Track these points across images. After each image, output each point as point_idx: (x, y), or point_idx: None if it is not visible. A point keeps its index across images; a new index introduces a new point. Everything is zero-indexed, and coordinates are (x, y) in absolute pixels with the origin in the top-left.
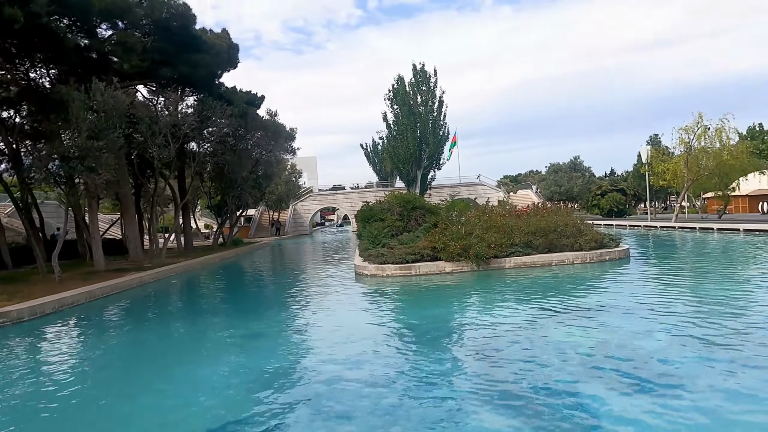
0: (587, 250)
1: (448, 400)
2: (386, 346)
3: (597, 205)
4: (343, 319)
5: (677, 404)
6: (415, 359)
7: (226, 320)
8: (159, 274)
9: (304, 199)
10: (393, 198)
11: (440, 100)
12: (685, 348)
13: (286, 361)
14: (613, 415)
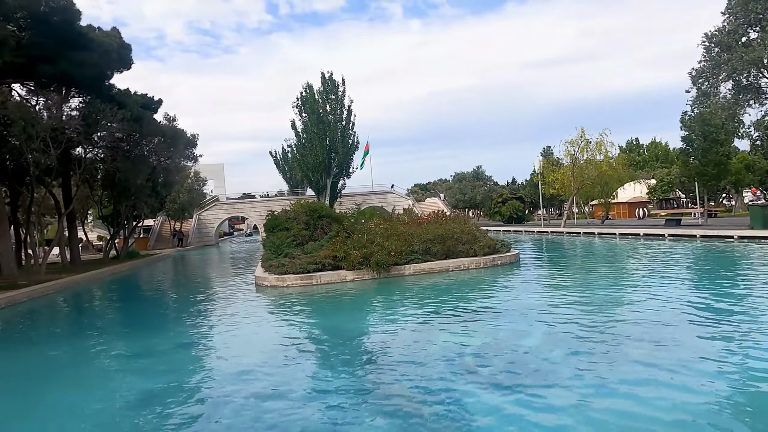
0: (481, 256)
1: (335, 409)
2: (279, 358)
3: (498, 212)
4: (237, 333)
5: (543, 399)
6: (307, 369)
7: (108, 340)
8: (34, 293)
9: (209, 208)
10: (299, 207)
11: (349, 109)
12: (559, 345)
13: (169, 379)
14: (486, 411)
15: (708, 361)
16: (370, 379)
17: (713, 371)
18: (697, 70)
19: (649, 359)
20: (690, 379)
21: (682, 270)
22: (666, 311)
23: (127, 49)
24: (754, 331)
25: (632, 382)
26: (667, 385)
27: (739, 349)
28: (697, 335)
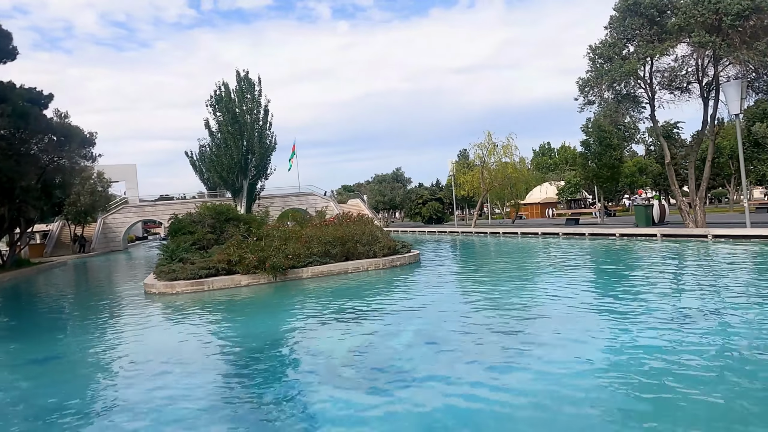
0: (381, 257)
1: (188, 420)
2: (140, 369)
3: (419, 213)
4: (106, 344)
5: (406, 397)
6: (167, 380)
7: None
8: None
9: (116, 212)
10: (205, 209)
11: (266, 109)
12: (428, 342)
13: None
14: (346, 412)
15: (562, 348)
16: (237, 387)
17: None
18: (583, 80)
19: (513, 353)
20: (548, 367)
21: (560, 264)
22: (534, 303)
23: (7, 38)
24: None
25: (489, 376)
26: (524, 374)
27: (596, 335)
28: (554, 329)
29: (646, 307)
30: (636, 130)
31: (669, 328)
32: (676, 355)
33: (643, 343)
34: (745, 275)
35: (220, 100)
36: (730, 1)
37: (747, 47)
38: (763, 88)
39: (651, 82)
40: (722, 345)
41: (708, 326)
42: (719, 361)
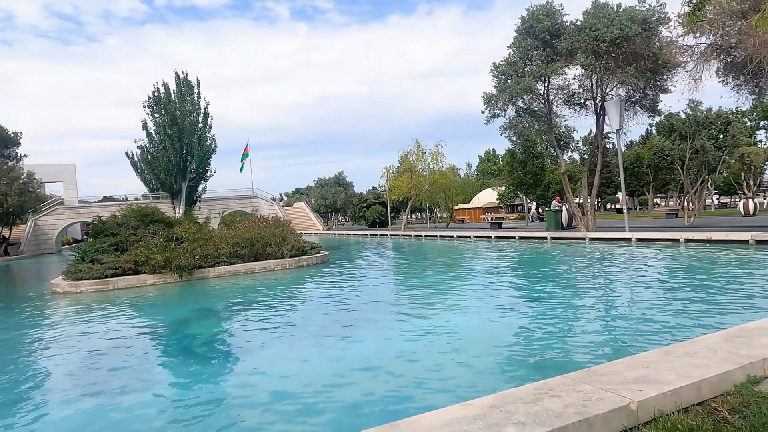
0: (288, 258)
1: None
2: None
3: (363, 216)
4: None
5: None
6: (44, 357)
7: None
8: None
9: (48, 213)
10: (129, 211)
11: (206, 112)
12: (288, 326)
13: None
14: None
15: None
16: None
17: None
18: (487, 95)
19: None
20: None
21: (434, 260)
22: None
23: None
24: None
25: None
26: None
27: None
28: (399, 315)
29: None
30: (570, 139)
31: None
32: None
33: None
34: (583, 268)
35: (159, 101)
36: (605, 30)
37: (621, 70)
38: (648, 106)
39: (548, 99)
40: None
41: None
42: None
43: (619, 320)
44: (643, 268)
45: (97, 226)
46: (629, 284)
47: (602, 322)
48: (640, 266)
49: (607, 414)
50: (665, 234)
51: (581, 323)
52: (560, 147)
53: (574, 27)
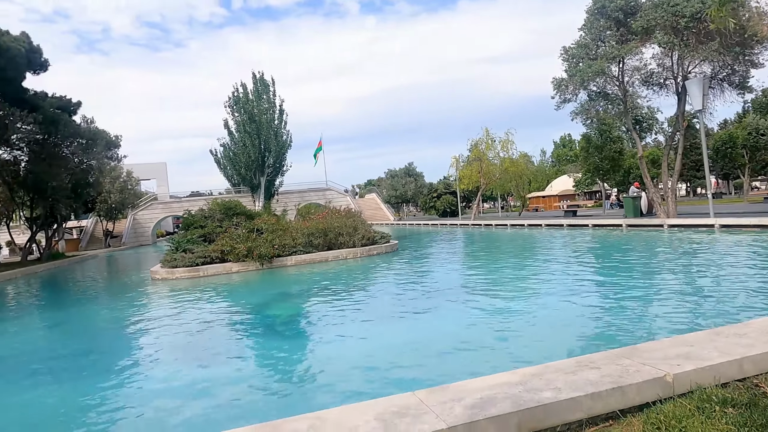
0: (359, 247)
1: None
2: (131, 326)
3: (433, 206)
4: (107, 312)
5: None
6: (153, 333)
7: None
8: None
9: (144, 208)
10: (215, 205)
11: (281, 109)
12: (354, 310)
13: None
14: (278, 347)
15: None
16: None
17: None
18: (557, 79)
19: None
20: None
21: (502, 249)
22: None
23: (37, 53)
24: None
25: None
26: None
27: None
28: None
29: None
30: (654, 120)
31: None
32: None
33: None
34: (655, 255)
35: (238, 101)
36: (684, 4)
37: (703, 46)
38: (737, 83)
39: (622, 81)
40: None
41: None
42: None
43: (680, 305)
44: (725, 256)
45: (188, 219)
46: (702, 271)
47: (664, 307)
48: (721, 254)
49: (641, 384)
50: (756, 220)
51: (636, 308)
52: (642, 129)
53: (650, 4)
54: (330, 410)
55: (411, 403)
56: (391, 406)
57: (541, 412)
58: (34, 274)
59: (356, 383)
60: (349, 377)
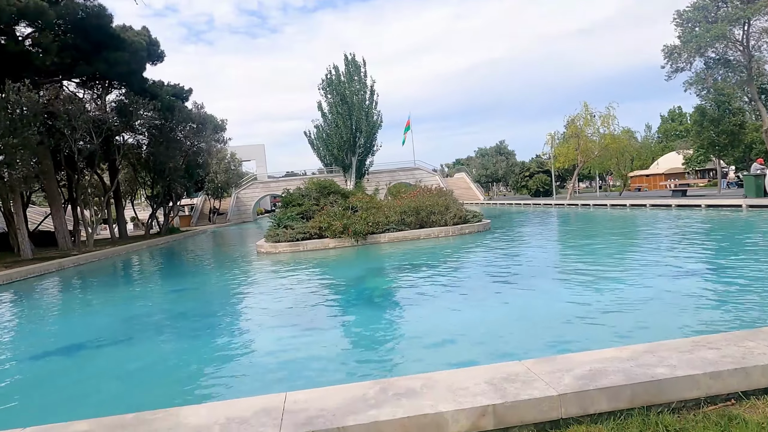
0: (451, 225)
1: (273, 319)
2: (242, 291)
3: (525, 186)
4: (222, 280)
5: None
6: (264, 298)
7: (130, 289)
8: (79, 259)
9: (246, 187)
10: (311, 184)
11: (371, 90)
12: (445, 286)
13: (191, 306)
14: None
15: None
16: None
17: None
18: (668, 47)
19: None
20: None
21: (599, 231)
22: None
23: (156, 45)
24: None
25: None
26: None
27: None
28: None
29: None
30: None
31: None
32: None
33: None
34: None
35: (331, 83)
36: None
37: None
38: None
39: (747, 45)
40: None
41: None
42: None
43: None
44: None
45: (286, 197)
46: None
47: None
48: None
49: (767, 367)
50: None
51: (759, 292)
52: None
53: None
54: (440, 372)
55: (519, 371)
56: (499, 372)
57: (655, 387)
58: (155, 245)
59: (456, 354)
60: (448, 347)
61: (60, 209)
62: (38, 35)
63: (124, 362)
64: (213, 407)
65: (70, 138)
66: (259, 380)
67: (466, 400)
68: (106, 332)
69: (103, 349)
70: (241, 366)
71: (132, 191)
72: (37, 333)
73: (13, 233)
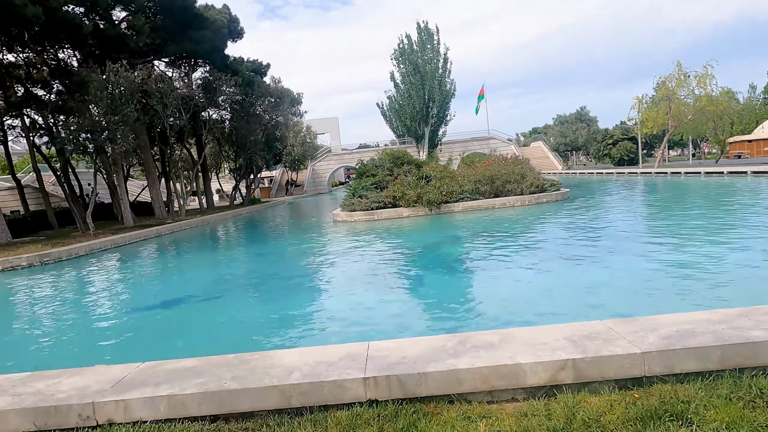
0: (527, 194)
1: (358, 279)
2: (322, 255)
3: (608, 154)
4: (303, 246)
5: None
6: (343, 261)
7: (219, 253)
8: (174, 227)
9: (321, 160)
10: (385, 155)
11: (445, 57)
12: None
13: (279, 266)
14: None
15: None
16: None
17: None
18: None
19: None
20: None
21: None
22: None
23: (236, 23)
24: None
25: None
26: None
27: None
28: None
29: None
30: None
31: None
32: None
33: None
34: None
35: (403, 52)
36: None
37: None
38: None
39: None
40: None
41: None
42: None
43: None
44: None
45: (360, 168)
46: None
47: None
48: None
49: None
50: None
51: None
52: None
53: None
54: (518, 329)
55: (600, 329)
56: (580, 330)
57: (749, 350)
58: (239, 215)
59: (534, 316)
60: (526, 309)
61: (156, 181)
62: (132, 18)
63: (218, 313)
64: (303, 351)
65: (162, 114)
66: (342, 333)
67: (545, 353)
68: (201, 289)
69: (200, 302)
70: (324, 320)
71: (217, 164)
72: (143, 289)
73: (117, 203)
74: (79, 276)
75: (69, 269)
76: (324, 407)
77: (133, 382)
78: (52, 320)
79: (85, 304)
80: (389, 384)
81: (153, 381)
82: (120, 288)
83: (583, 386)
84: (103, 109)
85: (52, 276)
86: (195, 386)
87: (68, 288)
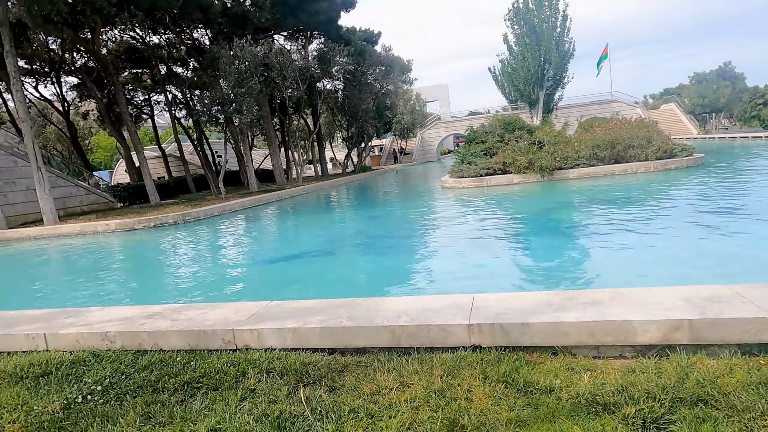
0: (653, 160)
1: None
2: (431, 219)
3: (757, 116)
4: (412, 210)
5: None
6: (451, 224)
7: (334, 216)
8: (293, 192)
9: (430, 127)
10: (495, 121)
11: (564, 14)
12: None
13: (400, 235)
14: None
15: None
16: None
17: None
18: None
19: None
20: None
21: None
22: None
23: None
24: None
25: None
26: None
27: None
28: None
29: None
30: None
31: None
32: None
33: None
34: None
35: (518, 12)
36: None
37: None
38: None
39: None
40: None
41: None
42: None
43: None
44: None
45: (470, 135)
46: None
47: None
48: None
49: None
50: None
51: None
52: None
53: None
54: (631, 288)
55: (725, 293)
56: (701, 292)
57: None
58: (351, 182)
59: (649, 279)
60: (641, 273)
61: (276, 150)
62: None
63: (333, 265)
64: (411, 299)
65: (281, 86)
66: (448, 288)
67: (658, 312)
68: (317, 245)
69: (316, 256)
70: (432, 275)
71: (330, 134)
72: (267, 244)
73: (243, 170)
74: (215, 231)
75: (205, 226)
76: (430, 349)
77: (265, 315)
78: (195, 265)
79: (220, 254)
80: (493, 331)
81: (281, 316)
82: (247, 242)
83: (700, 348)
84: (231, 83)
85: (193, 231)
86: (316, 322)
87: (206, 241)
